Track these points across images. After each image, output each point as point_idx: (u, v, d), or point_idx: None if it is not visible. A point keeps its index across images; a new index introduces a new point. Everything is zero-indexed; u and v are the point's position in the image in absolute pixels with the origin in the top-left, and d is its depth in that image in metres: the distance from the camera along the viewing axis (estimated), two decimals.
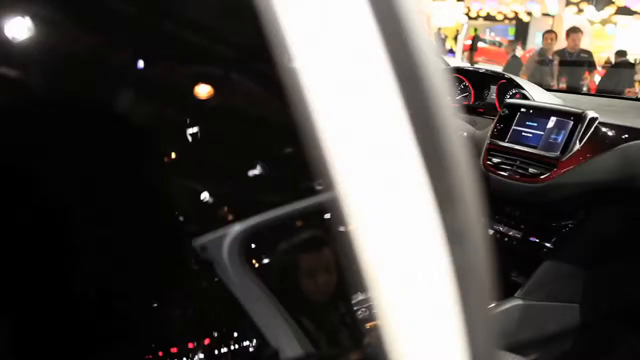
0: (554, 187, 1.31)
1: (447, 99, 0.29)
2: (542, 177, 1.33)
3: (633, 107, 1.69)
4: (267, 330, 0.51)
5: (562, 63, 5.59)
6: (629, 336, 1.53)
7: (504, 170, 1.42)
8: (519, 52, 12.93)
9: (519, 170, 1.39)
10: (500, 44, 14.22)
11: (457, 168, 0.29)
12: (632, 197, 1.25)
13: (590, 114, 1.32)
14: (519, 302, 1.38)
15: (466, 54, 16.21)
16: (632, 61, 6.11)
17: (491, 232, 1.53)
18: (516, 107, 1.50)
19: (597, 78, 6.55)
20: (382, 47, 0.27)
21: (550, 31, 6.35)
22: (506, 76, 1.70)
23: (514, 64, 6.68)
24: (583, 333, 1.45)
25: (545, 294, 1.38)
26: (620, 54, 6.84)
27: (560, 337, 1.41)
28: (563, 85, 5.35)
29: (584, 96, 2.48)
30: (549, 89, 2.10)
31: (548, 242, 1.40)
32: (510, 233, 1.48)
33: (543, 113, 1.42)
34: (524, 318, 1.38)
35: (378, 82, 0.28)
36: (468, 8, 15.58)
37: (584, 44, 6.51)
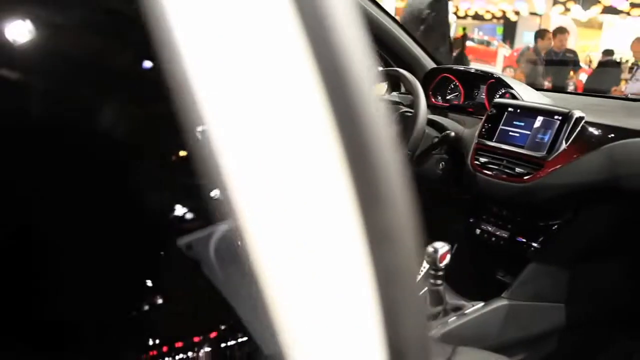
0: (540, 187, 1.31)
1: (373, 96, 0.28)
2: (528, 177, 1.32)
3: (621, 106, 1.68)
4: (254, 327, 0.51)
5: (549, 62, 5.63)
6: (618, 336, 1.53)
7: (491, 170, 1.41)
8: (506, 51, 13.01)
9: (506, 170, 1.38)
10: (488, 43, 14.26)
11: (383, 166, 0.28)
12: (618, 197, 1.24)
13: (577, 113, 1.31)
14: (505, 302, 1.37)
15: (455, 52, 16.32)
16: (618, 60, 6.15)
17: (478, 232, 1.53)
18: (504, 107, 1.49)
19: (583, 77, 6.61)
20: (301, 43, 0.26)
21: (546, 30, 6.39)
22: (495, 75, 1.69)
23: None
24: (571, 333, 1.44)
25: (532, 294, 1.37)
26: (608, 52, 6.92)
27: (547, 338, 1.40)
28: (549, 85, 5.40)
29: (573, 95, 2.49)
30: (539, 88, 2.09)
31: (535, 242, 1.39)
32: (498, 233, 1.47)
33: (530, 112, 1.41)
34: (510, 318, 1.37)
35: (295, 79, 0.27)
36: (457, 7, 15.62)
37: (570, 43, 6.55)
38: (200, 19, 0.26)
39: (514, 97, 1.56)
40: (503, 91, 1.61)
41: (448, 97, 1.85)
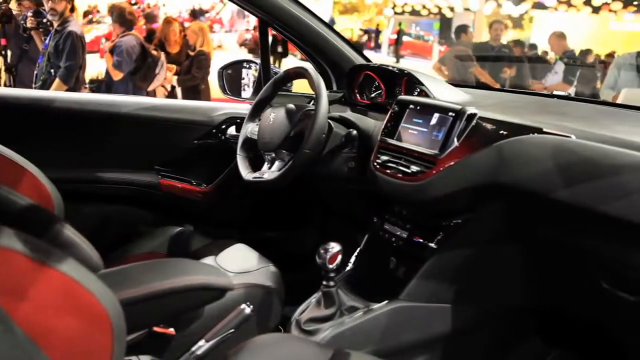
0: (433, 185, 1.28)
1: None
2: (421, 175, 1.29)
3: (537, 102, 1.68)
4: None
5: (482, 58, 5.74)
6: (521, 336, 1.53)
7: (390, 168, 1.38)
8: (441, 46, 13.31)
9: (401, 168, 1.34)
10: (425, 39, 14.57)
11: None
12: (511, 195, 1.22)
13: (470, 110, 1.29)
14: (400, 303, 1.33)
15: (392, 47, 16.61)
16: (541, 54, 6.36)
17: (381, 232, 1.49)
18: (405, 104, 1.47)
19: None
20: None
21: (466, 25, 6.53)
22: (406, 72, 1.66)
23: None
24: (470, 335, 1.42)
25: (429, 295, 1.34)
26: (532, 47, 7.17)
27: (445, 340, 1.37)
28: (489, 79, 5.51)
29: (495, 92, 2.51)
30: (465, 84, 2.09)
31: (431, 242, 1.36)
32: (398, 233, 1.43)
33: (428, 110, 1.39)
34: (405, 320, 1.34)
35: None
36: (394, 3, 15.85)
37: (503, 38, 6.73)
38: None
39: (425, 94, 1.54)
40: (419, 89, 1.58)
41: (373, 95, 1.81)
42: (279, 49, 10.21)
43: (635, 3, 11.98)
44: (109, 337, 0.62)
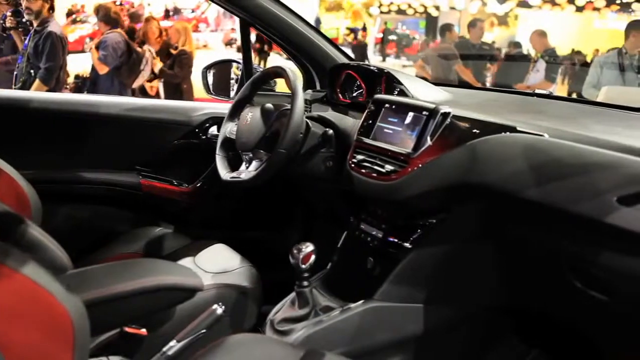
0: (407, 185, 1.28)
1: None
2: (394, 174, 1.30)
3: (517, 101, 1.68)
4: None
5: (464, 56, 5.77)
6: (496, 337, 1.52)
7: (365, 168, 1.38)
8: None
9: (376, 168, 1.35)
10: (411, 37, 14.66)
11: None
12: (484, 194, 1.22)
13: (443, 108, 1.30)
14: (374, 304, 1.33)
15: (378, 46, 16.66)
16: (526, 52, 6.41)
17: (357, 232, 1.49)
18: (381, 103, 1.47)
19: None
20: None
21: (450, 24, 6.57)
22: (385, 71, 1.66)
23: None
24: (448, 335, 1.42)
25: (403, 295, 1.34)
26: (515, 45, 7.19)
27: (419, 341, 1.37)
28: (471, 78, 5.54)
29: (476, 90, 2.52)
30: (445, 83, 2.10)
31: (406, 242, 1.36)
32: (373, 233, 1.43)
33: (403, 109, 1.39)
34: (379, 320, 1.33)
35: None
36: (380, 2, 15.89)
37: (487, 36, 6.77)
38: None
39: (403, 93, 1.54)
40: (398, 88, 1.58)
41: (355, 94, 1.81)
42: (266, 48, 10.18)
43: (617, 2, 12.10)
44: (70, 338, 0.62)
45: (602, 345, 1.26)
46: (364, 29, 15.27)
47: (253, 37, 4.54)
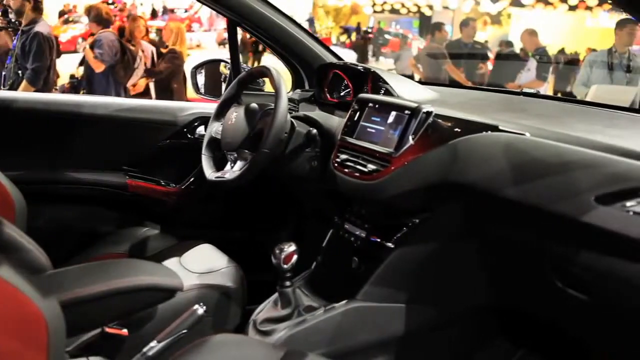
0: (389, 185, 1.28)
1: None
2: (376, 174, 1.29)
3: (503, 100, 1.68)
4: None
5: (455, 55, 5.78)
6: (482, 337, 1.52)
7: (348, 167, 1.38)
8: (420, 44, 13.42)
9: (359, 167, 1.35)
10: (404, 36, 14.69)
11: None
12: (465, 193, 1.22)
13: (425, 107, 1.30)
14: (357, 304, 1.33)
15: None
16: (518, 52, 6.41)
17: (341, 232, 1.49)
18: (365, 102, 1.47)
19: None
20: None
21: (441, 23, 6.57)
22: (371, 70, 1.66)
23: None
24: (431, 335, 1.42)
25: (386, 295, 1.34)
26: (507, 44, 7.20)
27: (402, 341, 1.37)
28: (463, 77, 5.55)
29: (464, 89, 2.51)
30: (435, 82, 2.10)
31: (389, 242, 1.35)
32: (357, 232, 1.43)
33: (386, 108, 1.39)
34: (362, 320, 1.33)
35: None
36: (373, 2, 15.89)
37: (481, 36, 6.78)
38: None
39: (389, 92, 1.54)
40: (384, 88, 1.58)
41: (342, 94, 1.81)
42: (260, 48, 10.16)
43: (609, 1, 12.18)
44: (43, 338, 0.62)
45: (588, 344, 1.26)
46: (358, 29, 15.27)
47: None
